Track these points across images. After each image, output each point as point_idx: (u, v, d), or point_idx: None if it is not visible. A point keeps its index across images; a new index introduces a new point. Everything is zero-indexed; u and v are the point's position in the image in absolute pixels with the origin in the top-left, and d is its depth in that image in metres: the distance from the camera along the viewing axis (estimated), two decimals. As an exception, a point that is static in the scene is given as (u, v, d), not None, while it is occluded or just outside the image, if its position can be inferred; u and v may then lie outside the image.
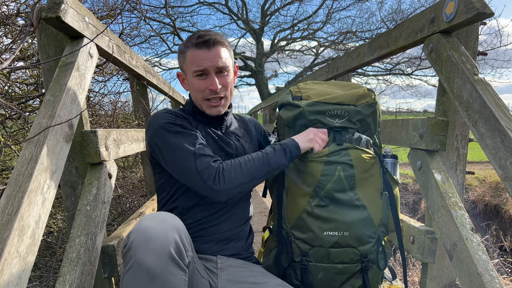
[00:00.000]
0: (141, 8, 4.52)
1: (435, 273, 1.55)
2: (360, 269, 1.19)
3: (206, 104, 1.25)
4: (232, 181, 1.11)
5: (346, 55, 2.55)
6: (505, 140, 1.09)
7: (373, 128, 1.29)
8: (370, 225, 1.20)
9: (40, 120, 1.10)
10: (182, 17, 16.11)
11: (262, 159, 1.16)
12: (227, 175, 1.11)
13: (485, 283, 1.13)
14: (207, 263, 1.19)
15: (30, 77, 2.80)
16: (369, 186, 1.24)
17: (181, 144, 1.14)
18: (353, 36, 15.78)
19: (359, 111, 1.25)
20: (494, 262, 4.41)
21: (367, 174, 1.23)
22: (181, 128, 1.17)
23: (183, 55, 1.25)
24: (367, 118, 1.26)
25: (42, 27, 1.39)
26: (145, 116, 3.03)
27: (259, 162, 1.15)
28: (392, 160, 1.35)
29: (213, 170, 1.10)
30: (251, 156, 1.17)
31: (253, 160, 1.16)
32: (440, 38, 1.43)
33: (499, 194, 8.22)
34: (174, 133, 1.16)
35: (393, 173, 1.32)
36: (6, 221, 0.84)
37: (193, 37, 1.23)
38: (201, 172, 1.09)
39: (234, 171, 1.12)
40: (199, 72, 1.21)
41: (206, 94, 1.23)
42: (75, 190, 1.47)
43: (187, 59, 1.23)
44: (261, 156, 1.17)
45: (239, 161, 1.15)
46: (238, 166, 1.13)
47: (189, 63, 1.23)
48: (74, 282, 1.12)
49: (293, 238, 1.23)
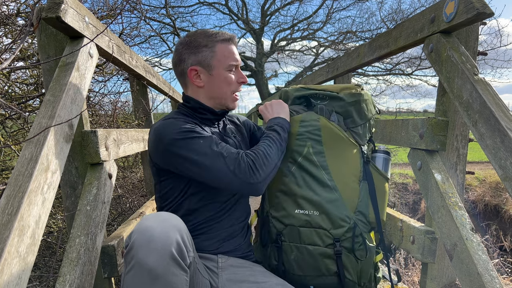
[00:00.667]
0: (141, 8, 4.52)
1: (435, 273, 1.55)
2: (333, 254, 1.18)
3: (233, 97, 1.30)
4: (265, 170, 1.13)
5: (346, 55, 2.55)
6: (505, 140, 1.09)
7: (356, 118, 1.32)
8: (341, 208, 1.21)
9: (40, 120, 1.10)
10: (182, 17, 16.10)
11: (275, 141, 1.20)
12: (259, 165, 1.12)
13: (485, 283, 1.13)
14: (207, 263, 1.19)
15: (30, 77, 2.80)
16: (343, 168, 1.26)
17: (205, 149, 1.11)
18: (353, 36, 15.77)
19: (341, 98, 1.32)
20: (494, 262, 4.41)
21: (339, 151, 1.27)
22: (196, 133, 1.14)
23: (211, 49, 1.23)
24: (348, 106, 1.32)
25: (42, 27, 1.39)
26: (145, 116, 3.03)
27: (275, 145, 1.20)
28: (384, 155, 1.37)
29: (244, 165, 1.10)
30: (264, 143, 1.20)
31: (269, 145, 1.19)
32: (440, 38, 1.43)
33: (499, 194, 8.23)
34: (192, 139, 1.12)
35: (383, 169, 1.34)
36: (6, 221, 0.84)
37: (216, 33, 1.25)
38: (235, 171, 1.09)
39: (262, 159, 1.14)
40: (233, 65, 1.26)
41: (235, 87, 1.29)
42: (75, 190, 1.47)
43: (218, 52, 1.23)
44: (271, 140, 1.21)
45: (260, 149, 1.17)
46: (263, 154, 1.15)
47: (222, 57, 1.24)
48: (74, 282, 1.12)
49: (270, 217, 1.28)
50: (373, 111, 1.39)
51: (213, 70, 1.24)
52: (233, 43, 1.28)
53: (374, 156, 1.36)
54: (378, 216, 1.25)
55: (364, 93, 1.35)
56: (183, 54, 1.25)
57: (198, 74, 1.25)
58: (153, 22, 13.03)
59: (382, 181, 1.29)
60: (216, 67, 1.24)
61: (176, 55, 1.28)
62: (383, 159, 1.35)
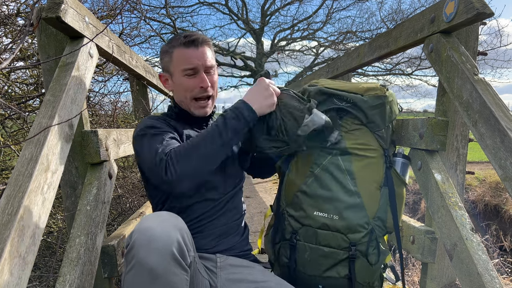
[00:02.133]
0: (141, 8, 4.52)
1: (435, 273, 1.55)
2: (347, 257, 1.19)
3: (194, 104, 1.26)
4: (183, 167, 1.03)
5: (346, 55, 2.55)
6: (505, 140, 1.09)
7: (380, 122, 1.29)
8: (362, 214, 1.21)
9: (40, 120, 1.10)
10: (182, 17, 16.10)
11: (212, 132, 1.08)
12: (176, 161, 1.03)
13: (485, 283, 1.13)
14: (206, 263, 1.19)
15: (30, 77, 2.80)
16: (367, 174, 1.26)
17: (150, 144, 1.12)
18: (353, 36, 15.77)
19: (365, 101, 1.28)
20: (494, 262, 4.41)
21: (364, 156, 1.27)
22: (155, 130, 1.16)
23: (169, 55, 1.25)
24: (372, 110, 1.28)
25: (42, 27, 1.39)
26: (145, 116, 3.03)
27: (209, 137, 1.07)
28: (403, 160, 1.36)
29: (163, 161, 1.03)
30: (200, 134, 1.09)
31: (202, 138, 1.07)
32: (440, 38, 1.43)
33: (499, 194, 8.22)
34: (146, 136, 1.14)
35: (401, 173, 1.34)
36: (6, 221, 0.84)
37: (179, 38, 1.24)
38: (155, 166, 1.05)
39: (182, 156, 1.04)
40: (189, 70, 1.22)
41: (195, 92, 1.24)
42: (75, 190, 1.47)
43: (174, 58, 1.24)
44: (208, 130, 1.09)
45: (188, 143, 1.07)
46: (185, 149, 1.05)
47: (177, 62, 1.23)
48: (74, 282, 1.12)
49: (286, 215, 1.28)
50: (397, 111, 1.37)
51: (172, 76, 1.28)
52: (194, 46, 1.22)
53: (394, 160, 1.35)
54: (396, 221, 1.26)
55: (389, 94, 1.32)
56: (159, 60, 1.32)
57: (167, 79, 1.31)
58: (153, 22, 13.01)
59: (400, 186, 1.29)
60: (174, 72, 1.26)
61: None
62: (402, 163, 1.35)
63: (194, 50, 1.22)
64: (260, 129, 1.19)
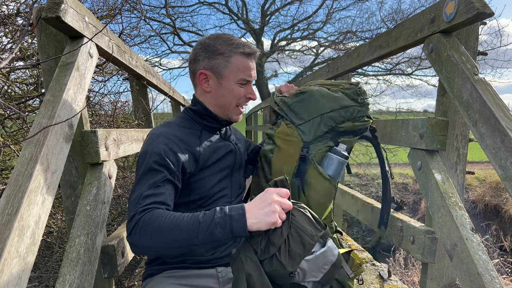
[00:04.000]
0: (141, 8, 4.52)
1: (435, 273, 1.54)
2: None
3: (236, 110, 1.30)
4: (144, 240, 0.96)
5: (346, 55, 2.55)
6: (505, 140, 1.09)
7: (301, 116, 1.39)
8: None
9: (40, 120, 1.10)
10: (182, 17, 16.11)
11: (190, 226, 0.94)
12: (142, 233, 0.96)
13: (485, 283, 1.13)
14: (207, 281, 1.17)
15: (29, 77, 2.80)
16: (280, 164, 1.38)
17: (140, 183, 1.06)
18: (353, 36, 15.78)
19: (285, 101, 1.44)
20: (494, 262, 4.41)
21: (282, 149, 1.38)
22: (156, 164, 1.08)
23: (226, 59, 1.22)
24: (291, 106, 1.40)
25: (42, 27, 1.39)
26: (145, 116, 3.03)
27: (185, 230, 0.94)
28: (337, 157, 1.37)
29: (134, 220, 0.97)
30: (178, 217, 0.97)
31: (180, 225, 0.95)
32: (440, 38, 1.43)
33: (499, 194, 8.23)
34: (148, 169, 1.08)
35: (331, 169, 1.37)
36: (6, 221, 0.84)
37: (239, 44, 1.23)
38: (131, 217, 1.00)
39: (152, 232, 0.95)
40: (245, 81, 1.25)
41: (241, 101, 1.28)
42: (75, 190, 1.47)
43: (233, 64, 1.23)
44: (191, 222, 0.95)
45: (162, 219, 0.96)
46: (160, 228, 0.95)
47: (235, 69, 1.23)
48: (74, 282, 1.12)
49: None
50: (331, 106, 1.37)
51: (223, 79, 1.24)
52: (253, 58, 1.26)
53: (327, 155, 1.38)
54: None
55: (309, 90, 1.39)
56: (198, 55, 1.25)
57: (208, 79, 1.26)
58: (153, 22, 13.02)
59: (320, 180, 1.34)
60: (226, 77, 1.24)
61: (193, 54, 1.28)
62: (336, 161, 1.37)
63: (253, 63, 1.27)
64: (257, 241, 1.01)
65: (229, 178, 1.32)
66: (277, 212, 0.95)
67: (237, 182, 1.36)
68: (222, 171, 1.29)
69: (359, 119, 1.41)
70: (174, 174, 1.12)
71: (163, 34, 14.11)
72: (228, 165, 1.31)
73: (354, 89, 1.41)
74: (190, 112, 1.31)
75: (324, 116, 1.37)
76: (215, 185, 1.25)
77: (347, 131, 1.40)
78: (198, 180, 1.21)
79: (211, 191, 1.24)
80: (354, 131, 1.42)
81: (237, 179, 1.37)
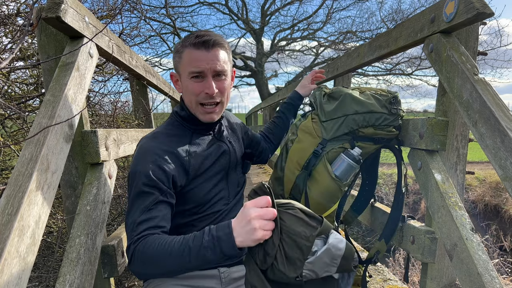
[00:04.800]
0: (141, 8, 4.52)
1: (435, 273, 1.54)
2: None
3: (200, 109, 1.18)
4: (144, 270, 0.99)
5: (346, 55, 2.55)
6: (505, 140, 1.09)
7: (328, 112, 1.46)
8: (280, 187, 1.52)
9: (40, 120, 1.10)
10: (182, 17, 16.12)
11: (181, 252, 0.94)
12: (139, 262, 0.99)
13: (485, 283, 1.13)
14: (209, 282, 1.16)
15: (30, 77, 2.80)
16: (295, 155, 1.47)
17: (133, 209, 1.06)
18: (353, 36, 15.78)
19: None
20: (494, 262, 4.41)
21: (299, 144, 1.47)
22: (150, 187, 1.07)
23: (179, 55, 1.17)
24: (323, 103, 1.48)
25: (42, 27, 1.39)
26: (145, 116, 3.03)
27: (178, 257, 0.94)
28: (349, 160, 1.40)
29: (130, 250, 1.01)
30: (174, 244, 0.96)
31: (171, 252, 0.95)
32: (440, 38, 1.43)
33: (499, 194, 8.23)
34: (138, 192, 1.06)
35: (339, 170, 1.41)
36: (6, 221, 0.84)
37: (192, 37, 1.14)
38: (127, 247, 1.03)
39: (146, 261, 0.98)
40: (195, 74, 1.14)
41: (201, 98, 1.16)
42: (75, 190, 1.47)
43: (183, 59, 1.15)
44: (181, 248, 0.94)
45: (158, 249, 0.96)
46: (153, 256, 0.96)
47: (185, 64, 1.15)
48: (74, 282, 1.12)
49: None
50: (357, 108, 1.40)
51: (181, 76, 1.20)
52: (205, 48, 1.12)
53: (339, 156, 1.42)
54: (307, 202, 1.42)
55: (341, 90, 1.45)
56: (174, 57, 1.23)
57: (177, 80, 1.23)
58: (153, 22, 13.02)
59: (326, 178, 1.39)
60: (181, 74, 1.18)
61: None
62: (346, 162, 1.41)
63: (204, 53, 1.12)
64: (254, 252, 1.00)
65: (225, 180, 1.29)
66: (258, 229, 0.89)
67: (234, 181, 1.33)
68: (216, 175, 1.25)
69: (382, 128, 1.42)
70: (165, 193, 1.09)
71: (163, 34, 14.11)
72: (222, 168, 1.27)
73: (388, 97, 1.42)
74: (178, 117, 1.26)
75: (348, 117, 1.39)
76: (210, 190, 1.22)
77: (366, 137, 1.42)
78: (191, 190, 1.18)
79: (206, 198, 1.21)
80: (373, 138, 1.43)
81: (234, 178, 1.33)
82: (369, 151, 1.47)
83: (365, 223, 2.06)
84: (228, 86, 1.22)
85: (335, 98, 1.44)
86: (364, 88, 1.52)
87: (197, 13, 19.93)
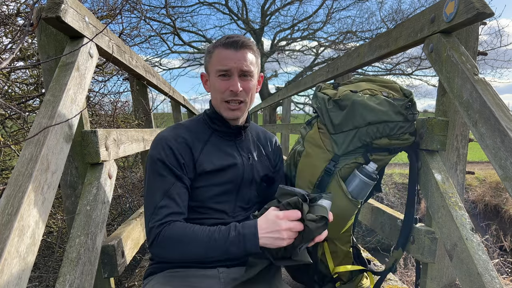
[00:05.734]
0: (141, 8, 4.52)
1: (435, 273, 1.54)
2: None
3: (224, 106, 1.22)
4: (165, 253, 1.09)
5: (346, 55, 2.55)
6: (505, 140, 1.09)
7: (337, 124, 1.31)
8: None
9: (40, 120, 1.10)
10: (182, 17, 16.12)
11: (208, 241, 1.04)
12: (163, 246, 1.07)
13: (485, 283, 1.13)
14: (208, 282, 1.16)
15: (30, 77, 2.80)
16: (305, 171, 1.36)
17: (153, 191, 1.14)
18: (353, 36, 15.79)
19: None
20: (494, 262, 4.41)
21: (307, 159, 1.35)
22: (166, 171, 1.15)
23: (210, 55, 1.23)
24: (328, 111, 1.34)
25: (42, 27, 1.39)
26: (145, 116, 3.03)
27: (204, 243, 1.04)
28: (364, 179, 1.29)
29: (153, 233, 1.09)
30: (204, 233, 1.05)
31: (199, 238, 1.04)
32: (440, 38, 1.43)
33: (499, 194, 8.23)
34: (155, 175, 1.16)
35: (354, 189, 1.30)
36: (6, 221, 0.84)
37: (223, 38, 1.22)
38: (149, 229, 1.11)
39: (172, 244, 1.06)
40: (222, 72, 1.19)
41: (226, 95, 1.20)
42: (75, 190, 1.47)
43: (213, 58, 1.22)
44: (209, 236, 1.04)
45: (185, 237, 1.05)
46: (180, 241, 1.05)
47: (214, 62, 1.21)
48: (74, 282, 1.12)
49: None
50: (370, 118, 1.25)
51: (210, 75, 1.26)
52: (234, 48, 1.18)
53: (354, 173, 1.31)
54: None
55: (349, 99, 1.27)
56: (205, 58, 1.30)
57: (206, 79, 1.29)
58: (153, 22, 13.02)
59: (341, 198, 1.29)
60: (211, 72, 1.24)
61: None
62: (359, 180, 1.30)
63: (233, 52, 1.18)
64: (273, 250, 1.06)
65: (234, 193, 1.26)
66: (286, 239, 0.99)
67: (244, 197, 1.29)
68: (224, 184, 1.23)
69: (398, 137, 1.30)
70: (181, 178, 1.16)
71: (163, 34, 14.13)
72: (230, 179, 1.25)
73: (404, 101, 1.29)
74: (204, 115, 1.32)
75: (360, 130, 1.27)
76: (211, 197, 1.22)
77: (381, 148, 1.31)
78: (196, 188, 1.21)
79: (206, 203, 1.22)
80: (388, 148, 1.32)
81: (246, 194, 1.29)
82: (385, 163, 1.36)
83: (365, 223, 2.06)
84: (254, 88, 1.26)
85: (343, 106, 1.29)
86: (376, 87, 1.37)
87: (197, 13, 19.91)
